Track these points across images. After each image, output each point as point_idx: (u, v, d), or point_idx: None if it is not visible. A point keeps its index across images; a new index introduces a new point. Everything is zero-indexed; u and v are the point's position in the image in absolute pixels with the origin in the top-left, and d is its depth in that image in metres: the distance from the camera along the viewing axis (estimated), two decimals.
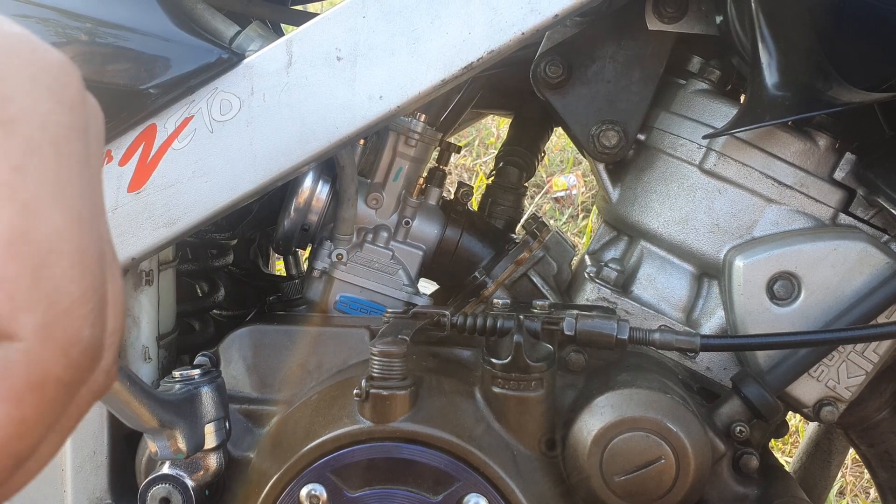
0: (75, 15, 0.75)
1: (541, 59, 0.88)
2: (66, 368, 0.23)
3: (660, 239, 0.88)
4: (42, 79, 0.25)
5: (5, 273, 0.22)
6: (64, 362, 0.23)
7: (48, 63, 0.25)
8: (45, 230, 0.23)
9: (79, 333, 0.24)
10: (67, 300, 0.24)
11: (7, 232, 0.23)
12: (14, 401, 0.23)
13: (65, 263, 0.24)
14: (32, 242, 0.23)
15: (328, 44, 0.75)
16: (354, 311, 0.94)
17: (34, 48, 0.25)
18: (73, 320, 0.24)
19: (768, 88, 0.76)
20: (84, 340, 0.24)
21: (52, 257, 0.23)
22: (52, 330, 0.23)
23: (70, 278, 0.24)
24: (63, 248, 0.24)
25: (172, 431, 0.59)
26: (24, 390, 0.23)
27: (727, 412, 0.78)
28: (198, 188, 0.77)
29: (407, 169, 0.95)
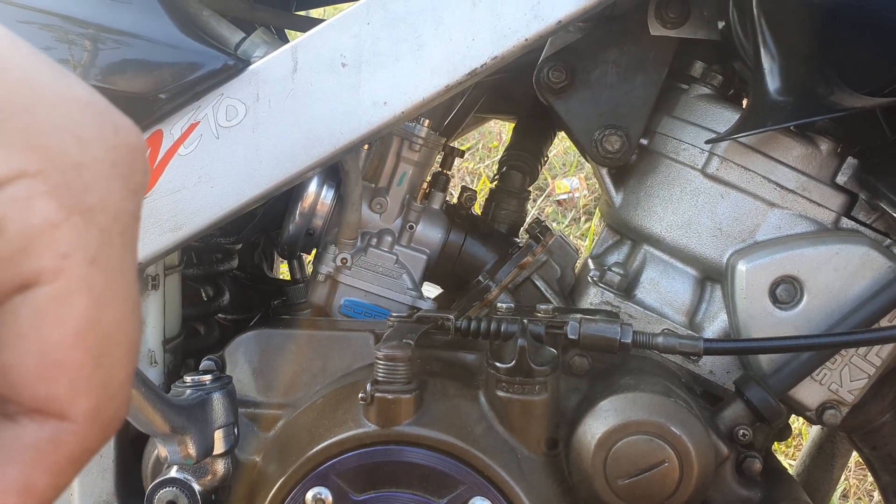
0: (81, 22, 0.76)
1: (544, 64, 0.88)
2: (101, 442, 0.26)
3: (663, 243, 0.88)
4: (120, 165, 0.25)
5: (71, 361, 0.24)
6: (102, 438, 0.25)
7: (127, 147, 0.26)
8: (111, 322, 0.25)
9: (119, 413, 0.26)
10: (116, 385, 0.25)
11: (79, 323, 0.24)
12: (58, 474, 0.24)
13: (120, 352, 0.25)
14: (99, 334, 0.24)
15: (333, 50, 0.75)
16: (359, 315, 0.94)
17: (116, 130, 0.26)
18: (116, 402, 0.25)
19: (770, 93, 0.76)
20: (119, 418, 0.26)
21: (112, 347, 0.25)
22: (101, 413, 0.25)
23: (121, 366, 0.25)
24: (121, 339, 0.25)
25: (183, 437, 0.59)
26: (66, 465, 0.25)
27: (730, 415, 0.78)
28: (203, 193, 0.78)
29: (411, 173, 0.95)
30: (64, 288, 0.24)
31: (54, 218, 0.24)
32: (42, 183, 0.23)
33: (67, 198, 0.24)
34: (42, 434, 0.24)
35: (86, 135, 0.25)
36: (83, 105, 0.25)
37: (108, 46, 0.77)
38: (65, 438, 0.24)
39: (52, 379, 0.24)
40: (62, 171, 0.24)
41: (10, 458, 0.24)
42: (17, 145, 0.23)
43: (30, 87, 0.24)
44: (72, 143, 0.24)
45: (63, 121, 0.24)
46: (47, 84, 0.25)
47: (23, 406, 0.24)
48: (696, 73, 0.91)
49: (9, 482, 0.24)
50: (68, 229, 0.24)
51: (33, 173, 0.23)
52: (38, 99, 0.24)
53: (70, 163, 0.24)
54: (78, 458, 0.25)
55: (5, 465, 0.24)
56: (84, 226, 0.24)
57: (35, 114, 0.24)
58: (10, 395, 0.24)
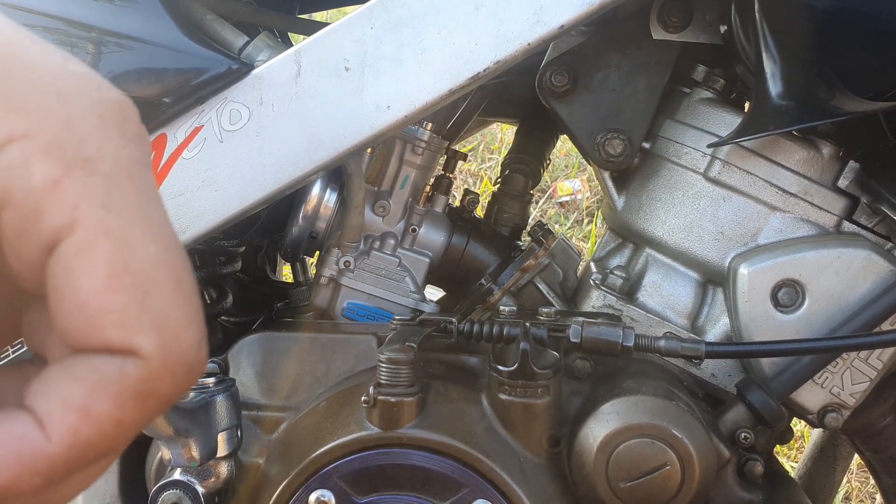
0: (85, 25, 0.76)
1: (546, 68, 0.89)
2: (171, 387, 0.25)
3: (665, 246, 0.88)
4: (109, 118, 0.25)
5: (113, 304, 0.24)
6: (170, 382, 0.25)
7: (112, 101, 0.26)
8: (143, 260, 0.24)
9: (186, 355, 0.25)
10: (174, 324, 0.25)
11: (108, 266, 0.24)
12: (118, 405, 0.24)
13: (166, 291, 0.25)
14: (133, 273, 0.24)
15: (336, 54, 0.75)
16: (362, 317, 0.94)
17: (98, 87, 0.26)
18: (182, 342, 0.25)
19: (772, 97, 0.77)
20: (190, 362, 0.25)
21: (153, 286, 0.24)
22: (168, 351, 0.24)
23: (174, 304, 0.25)
24: (163, 275, 0.25)
25: (187, 440, 0.60)
26: (129, 398, 0.24)
27: (732, 419, 0.78)
28: (207, 197, 0.78)
29: (413, 177, 0.96)
30: (82, 237, 0.24)
31: (54, 175, 0.24)
32: (34, 144, 0.24)
33: (62, 153, 0.24)
34: (111, 364, 0.24)
35: (67, 93, 0.25)
36: (60, 67, 0.25)
37: (111, 50, 0.77)
38: (131, 370, 0.24)
39: (100, 326, 0.24)
40: (51, 129, 0.24)
41: (76, 376, 0.24)
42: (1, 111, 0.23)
43: (4, 52, 0.24)
44: (55, 102, 0.24)
45: (42, 82, 0.25)
46: (22, 50, 0.25)
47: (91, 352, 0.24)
48: (698, 77, 0.91)
49: (71, 399, 0.24)
50: (71, 182, 0.24)
51: (22, 136, 0.23)
52: (14, 65, 0.24)
53: (57, 120, 0.24)
54: (144, 396, 0.24)
55: (71, 382, 0.24)
56: (86, 175, 0.24)
57: (13, 79, 0.24)
58: (77, 349, 0.24)
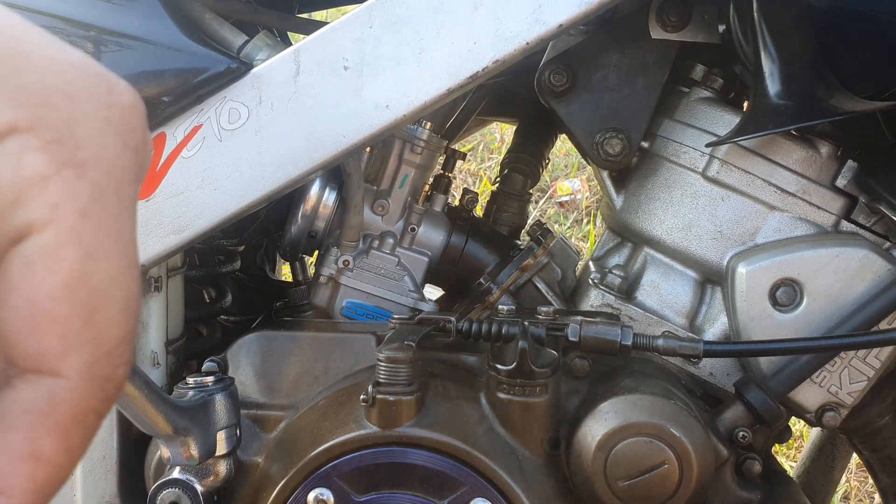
0: (84, 24, 0.76)
1: (545, 67, 0.89)
2: (103, 402, 0.25)
3: (663, 245, 0.88)
4: (114, 123, 0.26)
5: (60, 314, 0.24)
6: (102, 397, 0.25)
7: (122, 105, 0.26)
8: (102, 276, 0.24)
9: (115, 371, 0.25)
10: (111, 343, 0.25)
11: (67, 275, 0.24)
12: (62, 434, 0.24)
13: (114, 309, 0.25)
14: (89, 288, 0.24)
15: (335, 53, 0.75)
16: (361, 316, 0.95)
17: (111, 89, 0.26)
18: (112, 360, 0.25)
19: (770, 97, 0.77)
20: (118, 377, 0.25)
21: (104, 302, 0.24)
22: (95, 370, 0.25)
23: (116, 323, 0.25)
24: (115, 294, 0.25)
25: (186, 438, 0.60)
26: (69, 424, 0.24)
27: (730, 417, 0.78)
28: (206, 196, 0.78)
29: (412, 176, 0.96)
30: (53, 238, 0.24)
31: (45, 171, 0.24)
32: (33, 138, 0.24)
33: (58, 152, 0.24)
34: (38, 395, 0.24)
35: (77, 93, 0.25)
36: (74, 66, 0.26)
37: (110, 49, 0.77)
38: (61, 396, 0.24)
39: (41, 332, 0.24)
40: (53, 127, 0.24)
41: (11, 424, 0.24)
42: (7, 104, 0.24)
43: (18, 49, 0.25)
44: (62, 101, 0.25)
45: (53, 80, 0.25)
46: (36, 47, 0.25)
47: (18, 366, 0.24)
48: (696, 77, 0.91)
49: (14, 449, 0.24)
50: (59, 181, 0.24)
51: (24, 129, 0.24)
52: (28, 61, 0.25)
53: (61, 119, 0.24)
54: (80, 418, 0.24)
55: (7, 433, 0.24)
56: (75, 179, 0.24)
57: (25, 75, 0.24)
58: (6, 353, 0.24)
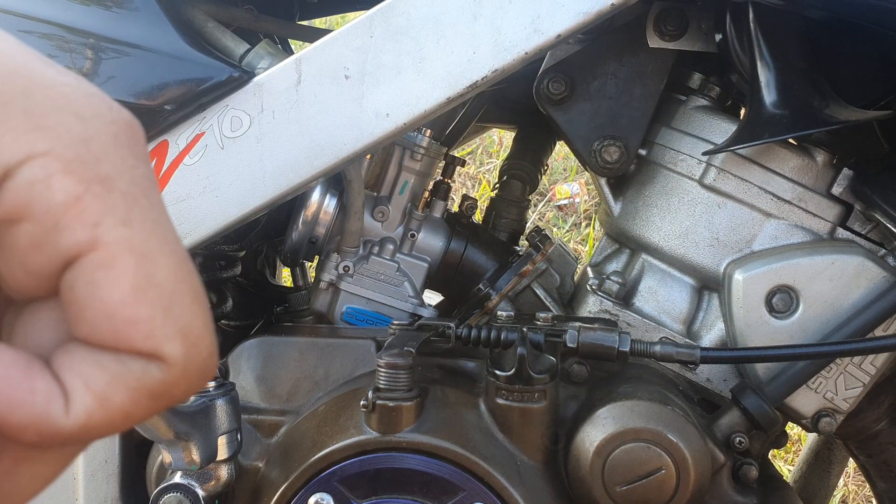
0: (87, 33, 0.77)
1: (544, 75, 0.90)
2: (184, 391, 0.26)
3: (661, 252, 0.89)
4: (122, 137, 0.26)
5: (140, 314, 0.25)
6: (185, 387, 0.26)
7: (123, 121, 0.27)
8: (164, 273, 0.25)
9: (206, 363, 0.26)
10: (196, 333, 0.26)
11: (133, 279, 0.25)
12: (133, 400, 0.25)
13: (187, 300, 0.26)
14: (157, 286, 0.25)
15: (336, 62, 0.76)
16: (361, 322, 0.95)
17: (110, 108, 0.27)
18: (202, 352, 0.26)
19: (767, 106, 0.78)
20: (207, 369, 0.26)
21: (175, 296, 0.25)
22: (190, 360, 0.26)
23: (194, 314, 0.26)
24: (182, 287, 0.26)
25: (187, 443, 0.60)
26: (146, 396, 0.25)
27: (727, 423, 0.79)
28: (208, 203, 0.79)
29: (412, 183, 0.96)
30: (106, 252, 0.24)
31: (75, 191, 0.24)
32: (54, 161, 0.24)
33: (82, 171, 0.25)
34: (136, 362, 0.25)
35: (84, 113, 0.26)
36: (74, 88, 0.26)
37: (114, 57, 0.78)
38: (153, 373, 0.25)
39: (128, 336, 0.25)
40: (70, 146, 0.25)
41: (104, 364, 0.25)
42: (22, 128, 0.24)
43: (23, 73, 0.25)
44: (73, 121, 0.25)
45: (60, 102, 0.25)
46: (40, 71, 0.26)
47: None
48: (693, 85, 0.92)
49: (93, 382, 0.25)
50: (91, 199, 0.25)
51: (44, 153, 0.24)
52: (33, 84, 0.25)
53: (76, 138, 0.25)
54: (159, 396, 0.26)
55: (97, 367, 0.25)
56: (105, 193, 0.25)
57: (33, 98, 0.25)
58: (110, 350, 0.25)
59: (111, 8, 0.80)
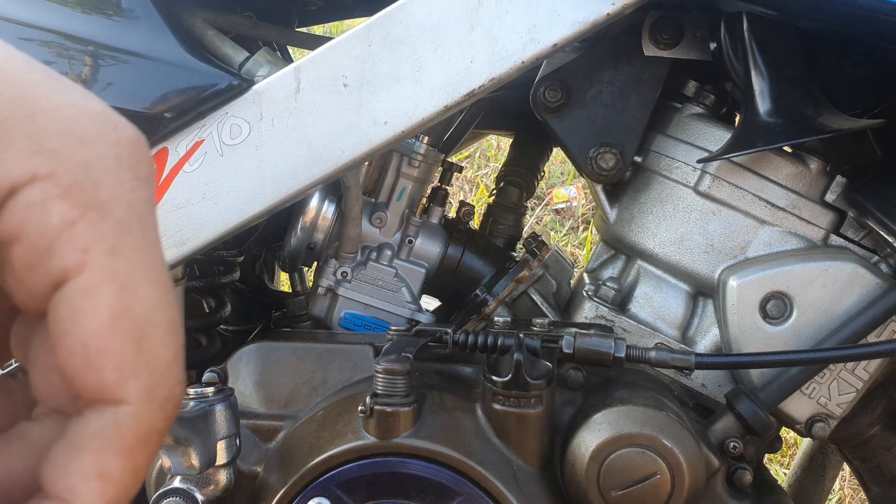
0: (88, 41, 0.78)
1: (540, 83, 0.90)
2: (164, 421, 0.27)
3: (656, 258, 0.90)
4: (125, 159, 0.27)
5: (112, 346, 0.25)
6: (162, 417, 0.27)
7: (128, 141, 0.27)
8: (143, 305, 0.26)
9: (172, 391, 0.27)
10: (164, 364, 0.26)
11: (110, 310, 0.25)
12: (128, 455, 0.26)
13: (160, 332, 0.26)
14: (133, 317, 0.26)
15: (335, 71, 0.77)
16: (358, 327, 0.96)
17: (115, 126, 0.27)
18: (167, 380, 0.27)
19: (761, 114, 0.78)
20: (176, 396, 0.27)
21: (149, 328, 0.26)
22: (154, 392, 0.26)
23: (165, 345, 0.26)
24: (158, 319, 0.26)
25: (187, 448, 0.61)
26: (134, 446, 0.26)
27: (721, 428, 0.80)
28: (208, 210, 0.80)
29: (410, 189, 0.97)
30: (90, 279, 0.25)
31: (70, 216, 0.25)
32: (54, 185, 0.25)
33: (80, 196, 0.25)
34: (104, 421, 0.26)
35: (87, 135, 0.26)
36: (79, 108, 0.26)
37: (114, 65, 0.79)
38: (125, 421, 0.26)
39: (98, 366, 0.25)
40: (71, 171, 0.25)
41: (81, 448, 0.25)
42: (24, 152, 0.25)
43: (28, 95, 0.25)
44: (75, 145, 0.26)
45: (64, 124, 0.26)
46: (44, 91, 0.26)
47: (83, 399, 0.26)
48: (689, 93, 0.93)
49: (85, 471, 0.25)
50: (85, 225, 0.25)
51: (44, 177, 0.25)
52: (38, 106, 0.25)
53: (77, 163, 0.25)
54: (145, 439, 0.26)
55: (79, 456, 0.25)
56: (99, 219, 0.25)
57: (36, 121, 0.25)
58: (71, 391, 0.26)
59: (111, 16, 0.80)
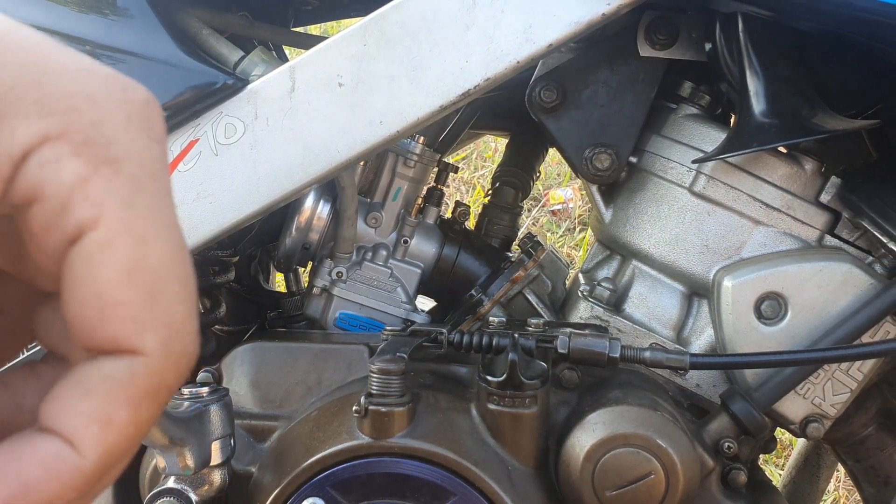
0: (82, 40, 0.78)
1: (536, 83, 0.91)
2: (176, 378, 0.27)
3: (651, 259, 0.90)
4: (135, 118, 0.27)
5: (127, 298, 0.25)
6: (175, 372, 0.27)
7: (138, 101, 0.27)
8: (158, 258, 0.26)
9: (187, 347, 0.27)
10: (179, 319, 0.26)
11: (126, 262, 0.25)
12: (135, 406, 0.26)
13: (176, 287, 0.26)
14: (148, 271, 0.26)
15: (330, 70, 0.77)
16: (354, 328, 0.96)
17: (124, 87, 0.27)
18: (183, 336, 0.27)
19: (756, 115, 0.79)
20: (190, 353, 0.27)
21: (165, 283, 0.26)
22: (170, 346, 0.26)
23: (180, 301, 0.27)
24: (173, 274, 0.26)
25: (182, 448, 0.61)
26: (143, 397, 0.26)
27: (716, 428, 0.80)
28: (202, 209, 0.79)
29: (406, 189, 0.97)
30: (105, 232, 0.25)
31: (83, 172, 0.25)
32: (66, 144, 0.25)
33: (92, 153, 0.25)
34: (117, 368, 0.25)
35: (97, 95, 0.26)
36: (87, 71, 0.27)
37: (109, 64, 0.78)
38: (139, 370, 0.26)
39: (113, 319, 0.25)
40: (81, 130, 0.25)
41: (89, 389, 0.25)
42: (35, 115, 0.25)
43: (35, 62, 0.26)
44: (85, 105, 0.26)
45: (72, 87, 0.26)
46: (51, 57, 0.26)
47: (96, 350, 0.26)
48: (684, 93, 0.93)
49: (91, 412, 0.25)
50: (98, 179, 0.25)
51: (56, 136, 0.25)
52: (45, 71, 0.26)
53: (87, 121, 0.26)
54: (155, 392, 0.26)
55: (87, 397, 0.25)
56: (113, 174, 0.26)
57: (44, 86, 0.26)
58: (84, 343, 0.26)
59: (107, 15, 0.80)
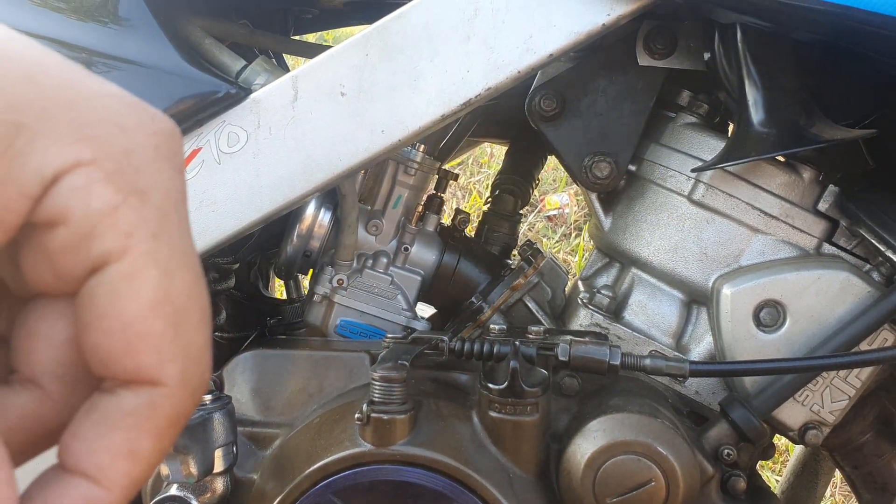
0: (85, 49, 0.78)
1: (535, 92, 0.91)
2: (194, 405, 0.28)
3: (650, 267, 0.90)
4: (162, 148, 0.27)
5: (153, 330, 0.26)
6: (192, 402, 0.27)
7: (164, 132, 0.28)
8: (181, 290, 0.26)
9: (203, 376, 0.28)
10: (197, 350, 0.27)
11: (153, 294, 0.26)
12: (159, 437, 0.27)
13: (196, 317, 0.27)
14: (173, 302, 0.26)
15: (332, 80, 0.77)
16: (354, 335, 0.96)
17: (153, 118, 0.28)
18: (200, 366, 0.27)
19: (754, 124, 0.79)
20: (205, 381, 0.28)
21: (186, 314, 0.27)
22: (189, 375, 0.27)
23: (198, 330, 0.27)
24: (194, 305, 0.27)
25: (186, 456, 0.61)
26: (164, 427, 0.27)
27: (715, 435, 0.80)
28: (205, 217, 0.80)
29: (406, 197, 0.98)
30: (133, 264, 0.26)
31: (113, 201, 0.25)
32: (97, 170, 0.25)
33: (122, 181, 0.26)
34: (139, 401, 0.26)
35: (127, 124, 0.27)
36: (118, 99, 0.27)
37: (110, 73, 0.79)
38: (160, 402, 0.26)
39: (137, 351, 0.26)
40: (113, 157, 0.26)
41: (114, 425, 0.26)
42: (68, 139, 0.25)
43: (69, 85, 0.26)
44: (117, 132, 0.26)
45: (104, 113, 0.26)
46: (83, 82, 0.27)
47: (117, 380, 0.26)
48: (682, 102, 0.93)
49: (116, 447, 0.26)
50: (127, 209, 0.26)
51: (88, 162, 0.25)
52: (79, 95, 0.26)
53: (119, 150, 0.26)
54: (175, 421, 0.27)
55: (110, 432, 0.26)
56: (141, 205, 0.26)
57: (79, 109, 0.26)
58: (105, 373, 0.26)
59: (108, 24, 0.81)
